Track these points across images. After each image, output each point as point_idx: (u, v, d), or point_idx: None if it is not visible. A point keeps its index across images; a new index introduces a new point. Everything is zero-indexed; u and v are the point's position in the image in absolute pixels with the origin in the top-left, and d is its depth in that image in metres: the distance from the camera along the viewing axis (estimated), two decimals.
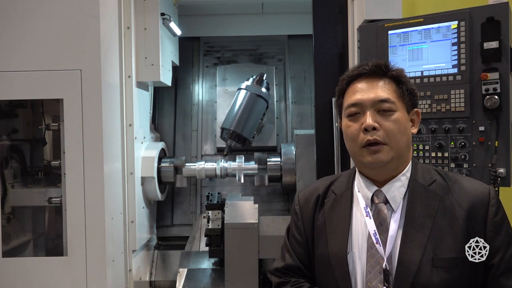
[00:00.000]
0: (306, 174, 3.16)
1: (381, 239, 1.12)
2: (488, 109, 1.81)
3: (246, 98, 3.36)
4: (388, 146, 1.11)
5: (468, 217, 1.09)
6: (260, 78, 3.45)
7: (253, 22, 3.94)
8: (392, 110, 1.12)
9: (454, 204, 1.11)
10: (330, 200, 1.26)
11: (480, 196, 1.11)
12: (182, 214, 3.65)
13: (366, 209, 1.17)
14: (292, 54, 4.01)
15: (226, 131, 3.37)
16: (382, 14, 2.18)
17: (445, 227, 1.09)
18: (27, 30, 2.32)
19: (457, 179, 1.17)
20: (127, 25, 2.78)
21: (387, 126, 1.11)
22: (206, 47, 4.05)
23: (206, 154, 3.79)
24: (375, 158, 1.12)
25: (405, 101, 1.16)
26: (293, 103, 3.90)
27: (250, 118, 3.35)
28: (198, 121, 3.85)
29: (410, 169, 1.18)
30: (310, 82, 3.90)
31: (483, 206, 1.10)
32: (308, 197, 1.31)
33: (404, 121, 1.14)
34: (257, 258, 2.82)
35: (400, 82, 1.17)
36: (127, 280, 2.68)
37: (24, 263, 2.37)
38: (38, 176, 2.77)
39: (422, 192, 1.14)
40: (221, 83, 3.81)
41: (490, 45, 1.80)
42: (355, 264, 1.15)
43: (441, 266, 1.06)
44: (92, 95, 2.31)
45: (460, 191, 1.13)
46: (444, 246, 1.08)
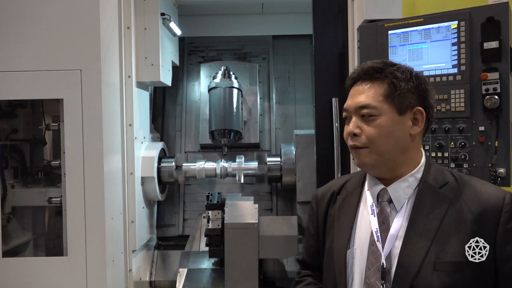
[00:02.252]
0: (306, 174, 3.16)
1: (382, 237, 1.13)
2: (488, 109, 1.81)
3: (222, 94, 3.44)
4: (368, 149, 1.14)
5: (477, 221, 1.07)
6: (227, 71, 3.54)
7: (237, 23, 3.96)
8: (373, 115, 1.13)
9: (464, 208, 1.09)
10: (342, 197, 1.30)
11: (493, 201, 1.09)
12: (182, 214, 3.65)
13: (372, 207, 1.19)
14: (277, 55, 4.03)
15: (217, 131, 3.43)
16: (382, 14, 2.18)
17: (452, 230, 1.08)
18: (27, 30, 2.32)
19: (471, 183, 1.14)
20: (127, 25, 2.78)
21: (367, 131, 1.13)
22: (191, 47, 4.06)
23: (190, 151, 3.80)
24: (358, 160, 1.17)
25: (395, 102, 1.13)
26: (277, 103, 3.91)
27: (233, 111, 3.45)
28: (182, 120, 3.86)
29: (421, 170, 1.17)
30: (294, 83, 3.93)
31: (495, 212, 1.07)
32: (324, 193, 1.36)
33: (390, 125, 1.12)
34: (257, 258, 2.82)
35: (392, 83, 1.14)
36: (127, 280, 2.68)
37: (24, 263, 2.37)
38: (38, 176, 2.77)
39: (431, 194, 1.13)
40: (205, 80, 3.83)
41: (490, 45, 1.80)
42: (356, 260, 1.17)
43: (442, 269, 1.05)
44: (92, 95, 2.31)
45: (472, 195, 1.11)
46: (448, 250, 1.07)
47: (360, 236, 1.19)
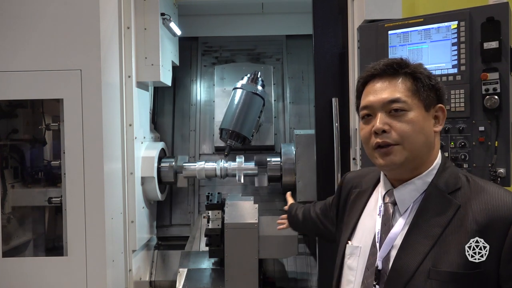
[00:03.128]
0: (306, 174, 3.16)
1: (382, 238, 1.12)
2: (488, 109, 1.81)
3: (243, 97, 3.37)
4: (401, 146, 1.07)
5: (480, 233, 1.00)
6: (255, 76, 3.47)
7: (252, 22, 3.95)
8: (404, 110, 1.08)
9: (470, 217, 1.02)
10: (356, 191, 1.31)
11: (502, 212, 1.00)
12: (182, 214, 3.65)
13: (381, 207, 1.17)
14: (290, 54, 4.02)
15: (225, 131, 3.37)
16: (382, 14, 2.18)
17: (454, 239, 1.02)
18: (27, 30, 2.32)
19: (485, 189, 1.06)
20: (127, 25, 2.78)
21: (399, 128, 1.07)
22: (204, 47, 4.05)
23: (204, 154, 3.80)
24: (387, 160, 1.08)
25: (422, 98, 1.09)
26: (291, 103, 3.90)
27: (248, 116, 3.36)
28: (196, 121, 3.85)
29: (433, 173, 1.11)
30: (308, 82, 3.91)
31: (504, 224, 0.99)
32: (350, 180, 1.39)
33: (421, 120, 1.08)
34: (257, 258, 2.82)
35: (416, 78, 1.11)
36: (127, 280, 2.68)
37: (24, 263, 2.37)
38: (38, 176, 2.77)
39: (439, 199, 1.08)
40: (219, 82, 3.82)
41: (490, 45, 1.79)
42: (359, 258, 1.16)
43: (436, 278, 1.01)
44: (92, 95, 2.31)
45: (482, 204, 1.03)
46: (446, 259, 1.01)
47: (363, 235, 1.18)
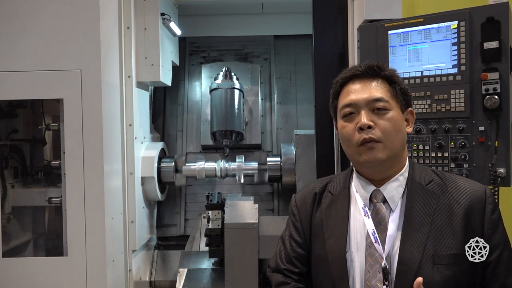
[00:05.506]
0: (306, 174, 3.16)
1: (379, 238, 1.12)
2: (488, 109, 1.80)
3: (224, 95, 3.44)
4: (383, 144, 1.13)
5: (466, 215, 1.11)
6: (228, 72, 3.54)
7: (238, 23, 3.96)
8: (387, 109, 1.15)
9: (452, 202, 1.13)
10: (327, 199, 1.27)
11: (477, 195, 1.14)
12: (182, 214, 3.65)
13: (365, 208, 1.18)
14: (278, 55, 4.03)
15: (218, 132, 3.43)
16: (382, 14, 2.18)
17: (444, 224, 1.11)
18: (27, 30, 2.32)
19: (453, 179, 1.19)
20: (127, 25, 2.78)
21: (382, 125, 1.13)
22: (192, 47, 4.06)
23: (191, 152, 3.79)
24: (371, 156, 1.13)
25: (398, 100, 1.18)
26: (279, 103, 3.91)
27: (235, 112, 3.45)
28: (183, 121, 3.86)
29: (407, 169, 1.20)
30: (296, 83, 3.92)
31: (480, 205, 1.12)
32: (305, 198, 1.32)
33: (399, 120, 1.16)
34: (257, 258, 2.82)
35: (393, 82, 1.19)
36: (127, 280, 2.68)
37: (24, 263, 2.37)
38: (38, 176, 2.77)
39: (420, 191, 1.16)
40: (206, 81, 3.82)
41: (490, 45, 1.79)
42: (354, 263, 1.16)
43: (441, 263, 1.07)
44: (92, 95, 2.31)
45: (457, 190, 1.15)
46: (444, 243, 1.09)
47: (356, 238, 1.17)
